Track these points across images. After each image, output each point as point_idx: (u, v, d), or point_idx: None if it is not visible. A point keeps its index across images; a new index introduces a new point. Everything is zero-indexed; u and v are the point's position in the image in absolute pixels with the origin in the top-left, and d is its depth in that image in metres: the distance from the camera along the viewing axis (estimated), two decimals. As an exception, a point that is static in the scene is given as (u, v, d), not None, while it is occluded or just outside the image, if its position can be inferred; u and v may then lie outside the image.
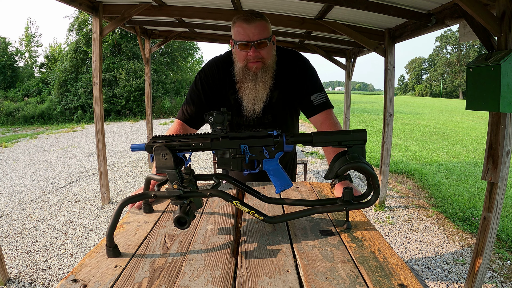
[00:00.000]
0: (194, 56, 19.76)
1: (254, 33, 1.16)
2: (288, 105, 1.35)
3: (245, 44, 1.17)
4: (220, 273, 0.69)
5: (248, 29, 1.15)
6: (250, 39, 1.16)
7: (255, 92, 1.25)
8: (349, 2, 2.74)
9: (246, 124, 1.35)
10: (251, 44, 1.17)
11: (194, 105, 1.30)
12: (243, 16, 1.17)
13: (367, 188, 0.87)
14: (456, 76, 54.20)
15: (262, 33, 1.17)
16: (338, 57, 5.97)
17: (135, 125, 12.20)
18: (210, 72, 1.31)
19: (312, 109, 1.29)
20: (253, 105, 1.27)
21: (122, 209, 0.79)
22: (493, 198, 1.91)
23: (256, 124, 1.34)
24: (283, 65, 1.29)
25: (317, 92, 1.28)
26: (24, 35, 20.22)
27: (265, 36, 1.18)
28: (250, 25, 1.15)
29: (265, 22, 1.18)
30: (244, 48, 1.18)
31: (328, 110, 1.29)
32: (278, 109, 1.33)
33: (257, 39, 1.16)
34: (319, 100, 1.28)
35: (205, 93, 1.30)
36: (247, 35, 1.16)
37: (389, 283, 0.64)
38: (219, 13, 3.67)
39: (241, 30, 1.17)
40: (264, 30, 1.17)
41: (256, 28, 1.15)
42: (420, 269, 2.62)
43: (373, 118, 14.51)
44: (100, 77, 3.61)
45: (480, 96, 1.89)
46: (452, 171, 5.58)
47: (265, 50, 1.19)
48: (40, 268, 2.56)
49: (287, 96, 1.32)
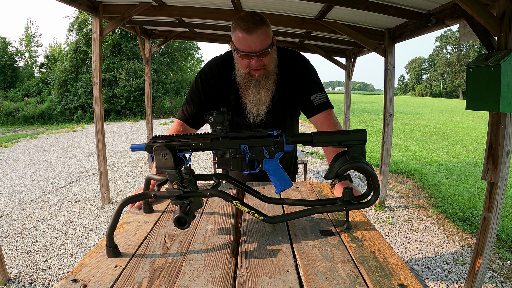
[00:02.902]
0: (194, 56, 19.77)
1: (256, 44, 1.12)
2: (289, 105, 1.35)
3: (247, 54, 1.14)
4: (220, 273, 0.69)
5: (250, 39, 1.11)
6: (252, 50, 1.13)
7: (258, 98, 1.25)
8: (349, 2, 2.74)
9: (246, 124, 1.34)
10: (253, 55, 1.14)
11: (194, 105, 1.30)
12: (243, 24, 1.11)
13: (367, 188, 0.87)
14: (456, 76, 54.20)
15: (264, 42, 1.13)
16: (338, 57, 5.97)
17: (135, 125, 12.20)
18: (210, 72, 1.31)
19: (312, 109, 1.29)
20: (257, 111, 1.27)
21: (122, 209, 0.79)
22: (493, 198, 1.91)
23: (259, 125, 1.33)
24: (284, 65, 1.29)
25: (317, 92, 1.28)
26: (24, 35, 20.22)
27: (267, 45, 1.14)
28: (252, 36, 1.10)
29: (266, 28, 1.13)
30: (246, 57, 1.16)
31: (328, 110, 1.29)
32: (279, 109, 1.33)
33: (259, 50, 1.13)
34: (319, 100, 1.27)
35: (205, 93, 1.30)
36: (248, 45, 1.12)
37: (389, 283, 0.64)
38: (219, 13, 3.67)
39: (242, 40, 1.12)
40: (266, 38, 1.13)
41: (258, 37, 1.11)
42: (420, 269, 2.62)
43: (373, 118, 14.51)
44: (100, 77, 3.61)
45: (480, 96, 1.89)
46: (452, 171, 5.58)
47: (267, 58, 1.17)
48: (40, 268, 2.56)
49: (288, 96, 1.32)
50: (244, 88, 1.26)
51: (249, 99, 1.26)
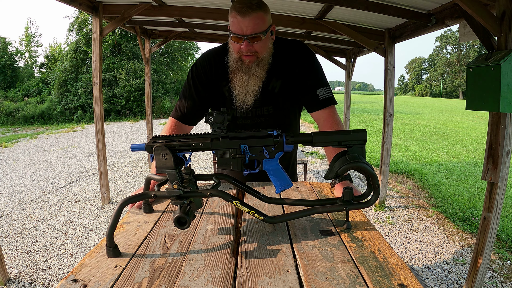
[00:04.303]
0: (194, 56, 19.74)
1: (248, 27, 1.09)
2: (291, 97, 1.31)
3: (238, 37, 1.12)
4: (220, 273, 0.69)
5: (242, 22, 1.09)
6: (243, 33, 1.10)
7: (246, 85, 1.22)
8: (349, 2, 2.74)
9: (244, 116, 1.30)
10: (244, 37, 1.12)
11: (187, 101, 1.28)
12: (238, 6, 1.09)
13: (367, 188, 0.87)
14: (456, 76, 54.20)
15: (257, 26, 1.11)
16: (338, 57, 5.97)
17: (135, 125, 12.20)
18: (201, 66, 1.29)
19: (317, 103, 1.27)
20: (244, 98, 1.24)
21: (122, 209, 0.79)
22: (493, 198, 1.91)
23: (255, 116, 1.30)
24: (289, 55, 1.26)
25: (323, 87, 1.26)
26: (24, 35, 20.24)
27: (260, 30, 1.11)
28: (245, 18, 1.08)
29: (263, 13, 1.11)
30: (237, 40, 1.14)
31: (332, 106, 1.28)
32: (280, 100, 1.29)
33: (250, 33, 1.10)
34: (324, 95, 1.26)
35: (196, 89, 1.28)
36: (240, 28, 1.10)
37: (389, 283, 0.64)
38: (219, 13, 3.67)
39: (235, 22, 1.10)
40: (259, 23, 1.10)
41: (251, 21, 1.09)
42: (420, 269, 2.62)
43: (373, 118, 14.51)
44: (100, 77, 3.61)
45: (480, 96, 1.89)
46: (452, 171, 5.58)
47: (259, 44, 1.14)
48: (40, 268, 2.56)
49: (291, 87, 1.28)
50: (233, 73, 1.23)
51: (237, 85, 1.23)
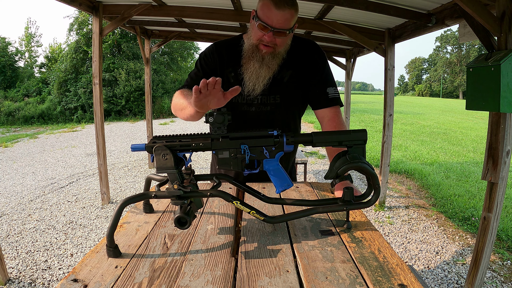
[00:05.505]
0: (194, 56, 19.74)
1: (279, 21, 1.10)
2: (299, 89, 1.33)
3: (265, 26, 1.13)
4: (220, 273, 0.69)
5: (276, 14, 1.10)
6: (272, 24, 1.11)
7: (257, 74, 1.24)
8: (349, 2, 2.74)
9: (249, 103, 1.31)
10: (271, 29, 1.13)
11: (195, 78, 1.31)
12: None
13: (367, 188, 0.87)
14: (456, 76, 54.20)
15: (287, 22, 1.12)
16: (338, 57, 5.98)
17: (135, 125, 12.20)
18: (210, 52, 1.32)
19: (325, 101, 1.29)
20: (253, 85, 1.26)
21: (123, 209, 0.79)
22: (493, 198, 1.91)
23: (260, 104, 1.30)
24: (303, 52, 1.29)
25: (332, 86, 1.30)
26: (24, 35, 20.20)
27: (288, 27, 1.13)
28: (279, 11, 1.09)
29: (294, 12, 1.13)
30: (263, 29, 1.14)
31: (338, 107, 1.30)
32: (289, 90, 1.31)
33: (279, 27, 1.12)
34: (333, 94, 1.29)
35: (205, 71, 1.31)
36: (271, 19, 1.11)
37: (389, 283, 0.64)
38: (219, 13, 3.67)
39: (267, 12, 1.11)
40: (290, 19, 1.12)
41: (284, 16, 1.10)
42: (420, 269, 2.62)
43: (373, 118, 14.51)
44: (100, 77, 3.61)
45: (480, 96, 1.89)
46: (452, 171, 5.58)
47: (281, 39, 1.17)
48: (40, 268, 2.56)
49: (301, 79, 1.30)
50: (247, 58, 1.25)
51: (248, 71, 1.25)
